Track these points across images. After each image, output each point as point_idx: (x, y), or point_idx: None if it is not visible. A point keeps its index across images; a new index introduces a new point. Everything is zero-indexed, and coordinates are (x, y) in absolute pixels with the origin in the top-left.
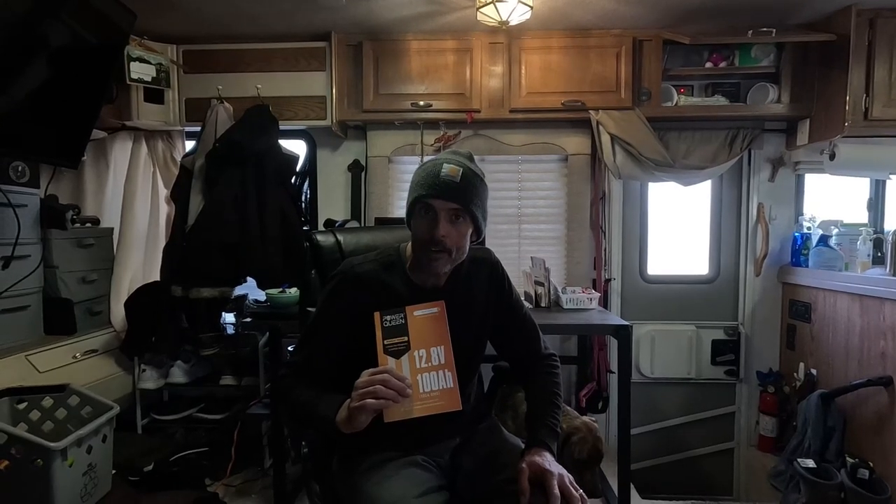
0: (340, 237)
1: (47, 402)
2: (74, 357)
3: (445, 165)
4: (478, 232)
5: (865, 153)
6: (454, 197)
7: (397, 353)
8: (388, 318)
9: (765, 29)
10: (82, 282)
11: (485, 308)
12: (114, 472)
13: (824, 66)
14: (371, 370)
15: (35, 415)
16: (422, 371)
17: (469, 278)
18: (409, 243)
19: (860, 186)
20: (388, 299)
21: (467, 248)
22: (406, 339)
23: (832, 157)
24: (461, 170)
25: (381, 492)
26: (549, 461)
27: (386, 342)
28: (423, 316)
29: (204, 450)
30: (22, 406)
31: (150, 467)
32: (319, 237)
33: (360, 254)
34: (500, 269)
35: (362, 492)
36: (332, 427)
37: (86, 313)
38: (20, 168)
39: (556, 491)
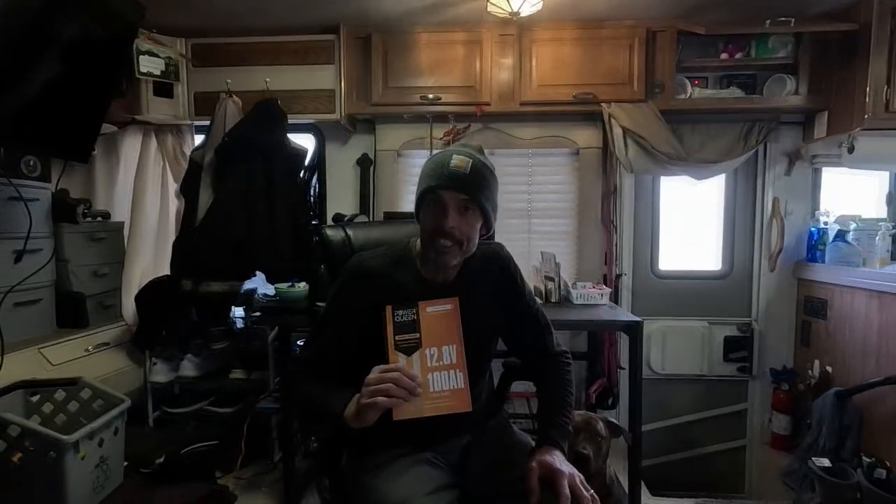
0: (350, 232)
1: (60, 395)
2: (86, 350)
3: (454, 157)
4: (487, 225)
5: (885, 146)
6: (463, 188)
7: (408, 350)
8: (400, 312)
9: (782, 19)
10: (94, 276)
11: (495, 304)
12: (125, 464)
13: (843, 57)
14: (382, 367)
15: (48, 408)
16: (432, 370)
17: (480, 273)
18: (419, 239)
19: (879, 181)
20: (397, 294)
21: (477, 240)
22: (417, 335)
23: (851, 150)
24: (470, 161)
25: (391, 490)
26: (559, 460)
27: (397, 338)
28: (435, 313)
29: (214, 443)
30: (35, 399)
31: (161, 460)
32: (329, 232)
33: (369, 248)
34: (513, 264)
35: (372, 489)
36: (339, 422)
37: (97, 307)
38: (31, 162)
39: (566, 491)
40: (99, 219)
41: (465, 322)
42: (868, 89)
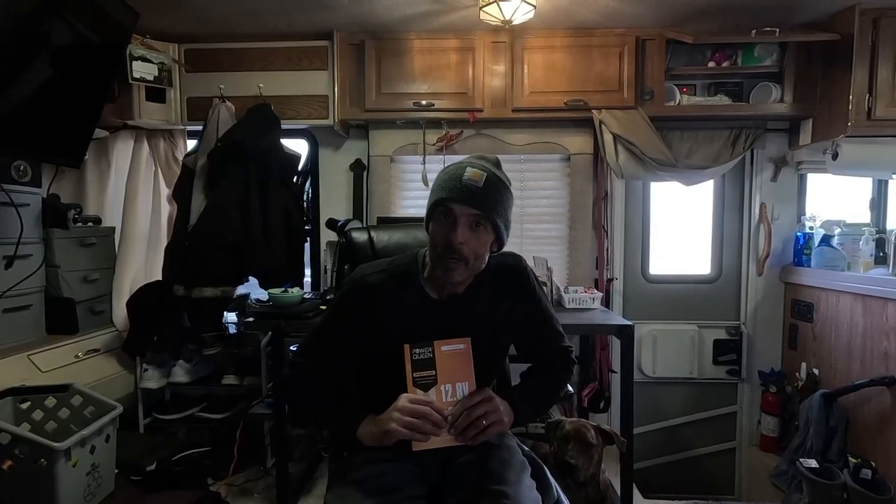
0: (373, 234)
1: (50, 401)
2: (77, 357)
3: (469, 169)
4: (499, 242)
5: (868, 153)
6: (475, 202)
7: (425, 386)
8: (417, 351)
9: (768, 28)
10: (84, 281)
11: (508, 317)
12: (116, 471)
13: (827, 66)
14: (412, 397)
15: (38, 415)
16: (447, 405)
17: (493, 285)
18: (427, 250)
19: (862, 186)
20: (396, 311)
21: (486, 257)
22: (434, 373)
23: (835, 156)
24: (485, 175)
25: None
26: (501, 403)
27: (415, 375)
28: (449, 351)
29: (206, 449)
30: (25, 406)
31: (153, 467)
32: (354, 234)
33: (391, 251)
34: (531, 278)
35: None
36: (353, 440)
37: (88, 313)
38: (22, 167)
39: (466, 413)
40: (90, 224)
41: (471, 332)
42: (851, 97)
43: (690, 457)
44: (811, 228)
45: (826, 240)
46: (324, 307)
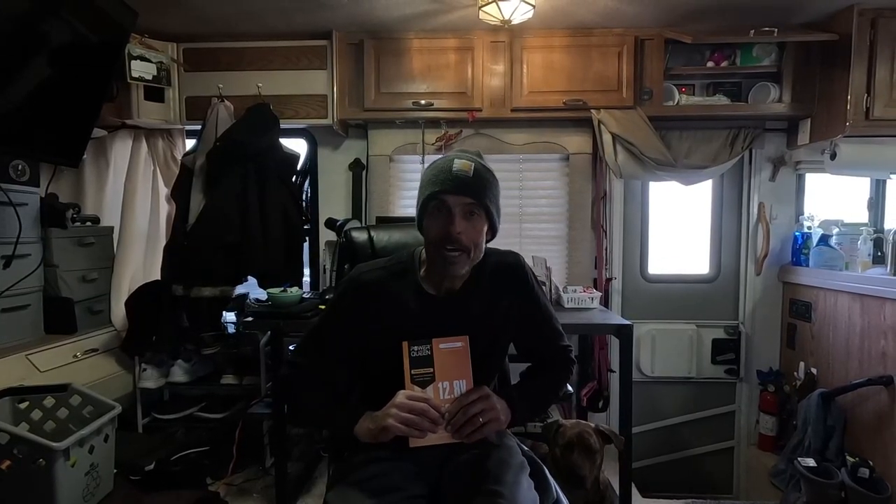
0: (373, 234)
1: (49, 401)
2: (75, 356)
3: (457, 161)
4: (493, 229)
5: (866, 153)
6: (468, 191)
7: (423, 384)
8: (416, 348)
9: (766, 28)
10: (83, 281)
11: (507, 315)
12: (115, 471)
13: (826, 66)
14: (410, 394)
15: (37, 414)
16: (444, 402)
17: (491, 283)
18: (423, 248)
19: (861, 186)
20: (394, 308)
21: (483, 246)
22: (431, 370)
23: (833, 156)
24: (473, 164)
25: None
26: (498, 402)
27: (413, 372)
28: (447, 349)
29: (205, 449)
30: (23, 406)
31: (152, 467)
32: (354, 233)
33: (390, 250)
34: (530, 276)
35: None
36: (348, 433)
37: (86, 312)
38: (20, 167)
39: (461, 411)
40: (88, 223)
41: (470, 329)
42: (849, 97)
43: (689, 456)
44: (809, 228)
45: (824, 239)
46: (323, 307)
